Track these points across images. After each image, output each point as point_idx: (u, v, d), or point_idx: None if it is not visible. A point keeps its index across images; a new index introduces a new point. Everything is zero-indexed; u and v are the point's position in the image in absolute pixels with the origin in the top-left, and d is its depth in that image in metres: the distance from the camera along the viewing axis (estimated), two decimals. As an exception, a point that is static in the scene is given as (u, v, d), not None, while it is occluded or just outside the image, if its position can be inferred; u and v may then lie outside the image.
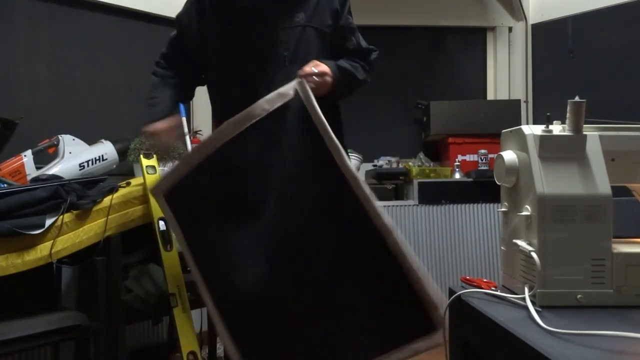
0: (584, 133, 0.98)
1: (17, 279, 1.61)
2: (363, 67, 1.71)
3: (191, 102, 3.09)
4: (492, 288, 1.07)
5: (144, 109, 1.67)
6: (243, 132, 1.30)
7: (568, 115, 0.99)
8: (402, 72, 3.49)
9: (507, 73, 3.52)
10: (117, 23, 2.85)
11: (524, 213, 0.99)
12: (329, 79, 1.50)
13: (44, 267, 1.66)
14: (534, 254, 0.93)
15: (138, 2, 2.89)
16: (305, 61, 1.52)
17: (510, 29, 3.52)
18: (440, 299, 1.16)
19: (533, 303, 0.91)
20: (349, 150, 3.10)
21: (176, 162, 1.54)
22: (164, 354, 2.42)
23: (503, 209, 1.12)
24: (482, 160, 3.04)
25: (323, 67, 1.49)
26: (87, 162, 2.38)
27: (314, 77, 1.43)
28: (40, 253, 1.63)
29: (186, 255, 1.41)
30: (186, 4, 1.70)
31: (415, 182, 2.96)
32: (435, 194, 2.96)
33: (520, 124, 1.09)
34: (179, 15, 1.72)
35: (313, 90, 1.37)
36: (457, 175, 3.05)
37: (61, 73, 2.66)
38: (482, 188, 2.94)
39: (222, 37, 1.55)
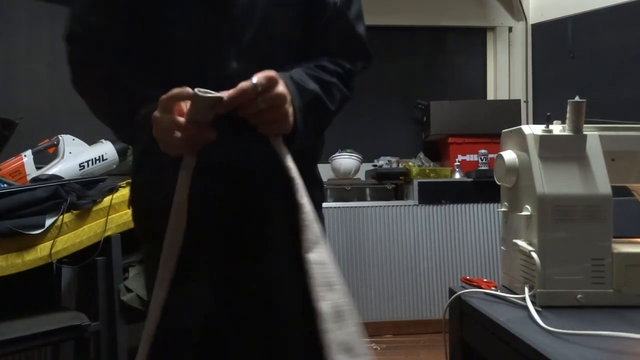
0: (584, 133, 0.98)
1: (17, 279, 1.61)
2: (342, 77, 0.96)
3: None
4: (492, 288, 1.07)
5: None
6: None
7: (568, 115, 0.99)
8: (402, 72, 3.49)
9: (507, 73, 3.53)
10: (117, 23, 2.84)
11: (524, 213, 0.99)
12: (288, 108, 0.81)
13: (44, 267, 1.66)
14: (534, 254, 0.93)
15: (138, 2, 2.89)
16: (265, 58, 0.89)
17: (510, 29, 3.52)
18: None
19: (533, 303, 0.91)
20: (349, 151, 3.10)
21: None
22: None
23: (503, 209, 1.12)
24: (482, 160, 3.04)
25: (277, 88, 0.78)
26: (87, 162, 2.38)
27: (258, 103, 0.77)
28: (40, 253, 1.63)
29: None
30: None
31: (415, 182, 2.96)
32: (435, 194, 2.97)
33: (520, 124, 1.09)
34: None
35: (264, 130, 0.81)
36: (457, 175, 3.05)
37: (61, 73, 2.65)
38: (482, 188, 2.94)
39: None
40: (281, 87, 0.78)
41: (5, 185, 1.93)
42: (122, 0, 0.88)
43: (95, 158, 2.41)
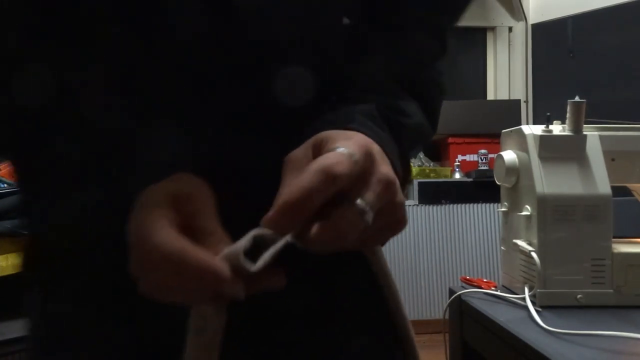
0: (584, 133, 0.98)
1: (17, 279, 1.61)
2: (441, 54, 0.58)
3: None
4: (492, 288, 1.07)
5: None
6: None
7: (568, 115, 0.99)
8: (402, 72, 3.49)
9: (507, 73, 3.53)
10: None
11: (524, 213, 0.99)
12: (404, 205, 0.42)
13: (44, 267, 1.67)
14: (534, 254, 0.93)
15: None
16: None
17: (510, 29, 3.52)
18: None
19: (533, 303, 0.91)
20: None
21: None
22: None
23: (503, 209, 1.12)
24: (482, 160, 3.04)
25: (397, 197, 0.39)
26: (87, 162, 2.38)
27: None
28: (40, 253, 1.64)
29: None
30: None
31: (415, 182, 2.96)
32: (435, 194, 2.96)
33: (520, 124, 1.09)
34: None
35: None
36: (457, 175, 3.05)
37: (61, 73, 2.66)
38: (482, 188, 2.93)
39: None
40: (400, 194, 0.41)
41: (5, 185, 1.93)
42: None
43: (95, 158, 2.41)
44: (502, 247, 1.14)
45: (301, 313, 0.52)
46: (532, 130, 1.01)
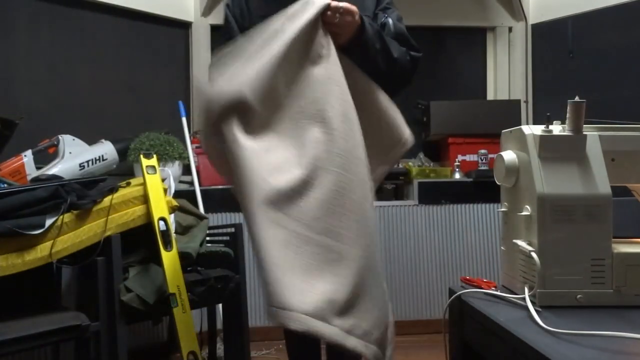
0: (584, 133, 0.98)
1: (17, 279, 1.61)
2: (400, 49, 1.39)
3: (191, 101, 3.09)
4: (492, 288, 1.07)
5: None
6: None
7: (568, 115, 0.99)
8: (402, 72, 3.49)
9: (507, 73, 3.52)
10: (117, 23, 2.85)
11: (524, 213, 0.99)
12: (351, 18, 1.22)
13: (44, 267, 1.66)
14: (534, 254, 0.93)
15: (138, 2, 2.89)
16: None
17: (510, 29, 3.52)
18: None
19: (533, 303, 0.91)
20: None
21: None
22: (164, 353, 2.42)
23: (503, 209, 1.12)
24: (482, 160, 3.04)
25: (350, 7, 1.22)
26: (87, 162, 2.38)
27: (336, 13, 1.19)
28: (40, 253, 1.63)
29: None
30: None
31: (415, 182, 2.96)
32: (435, 194, 2.96)
33: (520, 124, 1.09)
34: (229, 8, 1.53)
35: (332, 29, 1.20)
36: (457, 175, 3.05)
37: (61, 73, 2.66)
38: (482, 188, 2.93)
39: None
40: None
41: (5, 185, 1.93)
42: None
43: (95, 158, 2.41)
44: (502, 247, 1.14)
45: None
46: (532, 130, 1.01)
